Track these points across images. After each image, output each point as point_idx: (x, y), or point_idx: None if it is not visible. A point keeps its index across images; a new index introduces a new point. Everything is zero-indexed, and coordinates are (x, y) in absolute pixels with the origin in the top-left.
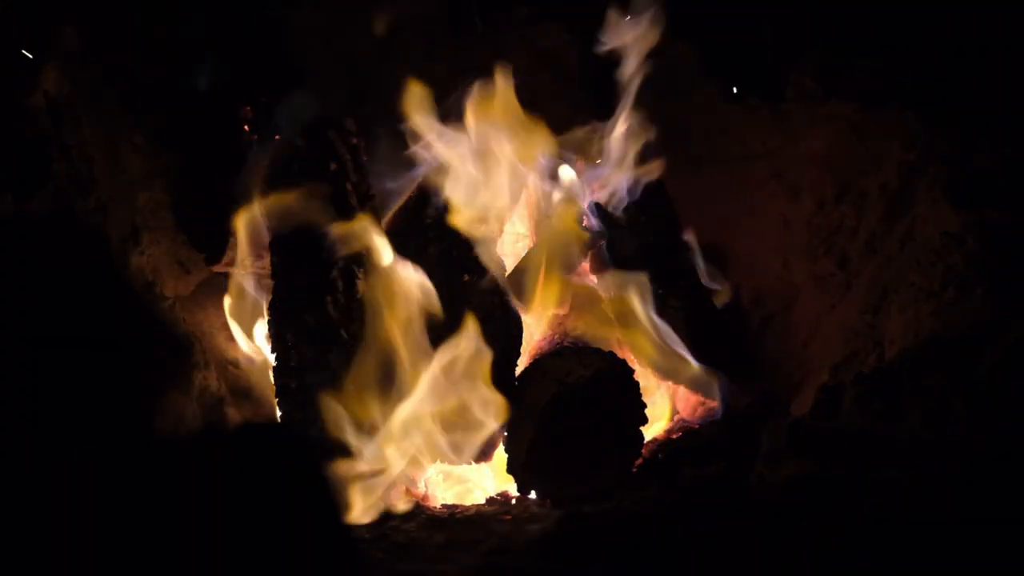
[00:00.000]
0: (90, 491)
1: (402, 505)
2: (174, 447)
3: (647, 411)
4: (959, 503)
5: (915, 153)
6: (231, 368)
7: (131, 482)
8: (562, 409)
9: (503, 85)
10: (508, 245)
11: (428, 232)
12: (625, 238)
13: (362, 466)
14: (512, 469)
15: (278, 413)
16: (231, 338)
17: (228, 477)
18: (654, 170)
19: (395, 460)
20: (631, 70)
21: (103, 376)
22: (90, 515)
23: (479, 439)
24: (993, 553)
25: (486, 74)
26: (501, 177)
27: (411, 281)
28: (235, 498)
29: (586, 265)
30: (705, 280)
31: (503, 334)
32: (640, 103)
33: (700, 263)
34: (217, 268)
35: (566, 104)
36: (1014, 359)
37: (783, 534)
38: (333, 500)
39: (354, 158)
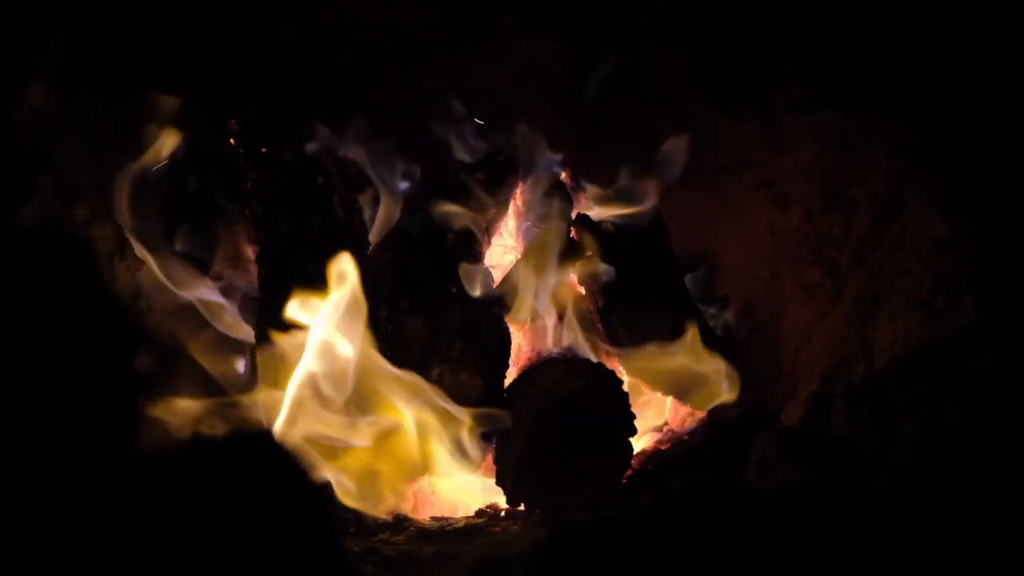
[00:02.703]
0: (75, 505)
1: (391, 518)
2: (161, 462)
3: (636, 421)
4: (951, 511)
5: (903, 161)
6: (219, 381)
7: (116, 497)
8: (551, 420)
9: None
10: (496, 256)
11: (415, 244)
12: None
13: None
14: (501, 481)
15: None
16: (219, 351)
17: (215, 490)
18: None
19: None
20: None
21: (90, 389)
22: (75, 529)
23: (470, 451)
24: (986, 561)
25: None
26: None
27: None
28: (223, 511)
29: (574, 276)
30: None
31: (491, 345)
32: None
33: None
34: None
35: (554, 115)
36: (1004, 366)
37: (774, 543)
38: (321, 512)
39: (341, 170)
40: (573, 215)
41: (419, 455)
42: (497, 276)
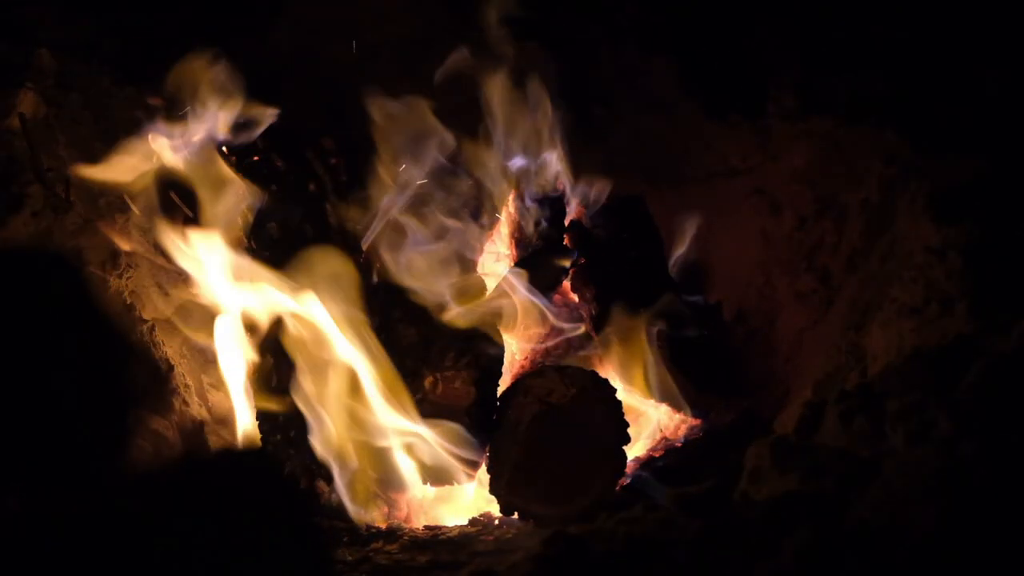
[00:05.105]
0: (66, 520)
1: (384, 526)
2: (155, 473)
3: (630, 430)
4: (944, 520)
5: (895, 168)
6: (211, 390)
7: (108, 512)
8: (545, 428)
9: None
10: (489, 264)
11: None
12: (606, 255)
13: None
14: (495, 490)
15: (258, 437)
16: (211, 361)
17: (209, 503)
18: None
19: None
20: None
21: (81, 400)
22: (64, 545)
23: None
24: (979, 571)
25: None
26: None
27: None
28: (215, 524)
29: (567, 283)
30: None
31: (485, 353)
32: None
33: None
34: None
35: (546, 122)
36: (997, 375)
37: (767, 553)
38: (314, 525)
39: (333, 178)
40: (566, 222)
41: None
42: (491, 284)
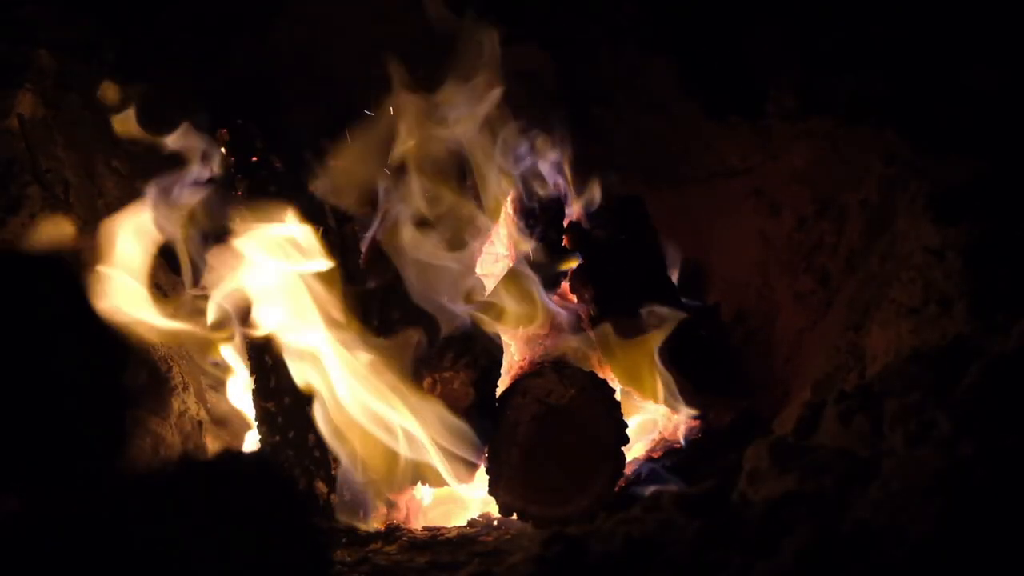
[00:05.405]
0: (67, 517)
1: (383, 527)
2: (154, 473)
3: (629, 430)
4: (944, 520)
5: (895, 168)
6: (210, 391)
7: (104, 516)
8: (543, 429)
9: None
10: (487, 265)
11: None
12: (605, 256)
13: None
14: (493, 491)
15: (257, 439)
16: (209, 361)
17: (208, 504)
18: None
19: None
20: None
21: (81, 400)
22: (67, 541)
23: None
24: (979, 571)
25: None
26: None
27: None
28: (214, 525)
29: (566, 284)
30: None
31: (483, 354)
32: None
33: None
34: (194, 291)
35: (545, 122)
36: (997, 375)
37: (767, 553)
38: (313, 529)
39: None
40: (565, 223)
41: (411, 465)
42: (488, 285)
